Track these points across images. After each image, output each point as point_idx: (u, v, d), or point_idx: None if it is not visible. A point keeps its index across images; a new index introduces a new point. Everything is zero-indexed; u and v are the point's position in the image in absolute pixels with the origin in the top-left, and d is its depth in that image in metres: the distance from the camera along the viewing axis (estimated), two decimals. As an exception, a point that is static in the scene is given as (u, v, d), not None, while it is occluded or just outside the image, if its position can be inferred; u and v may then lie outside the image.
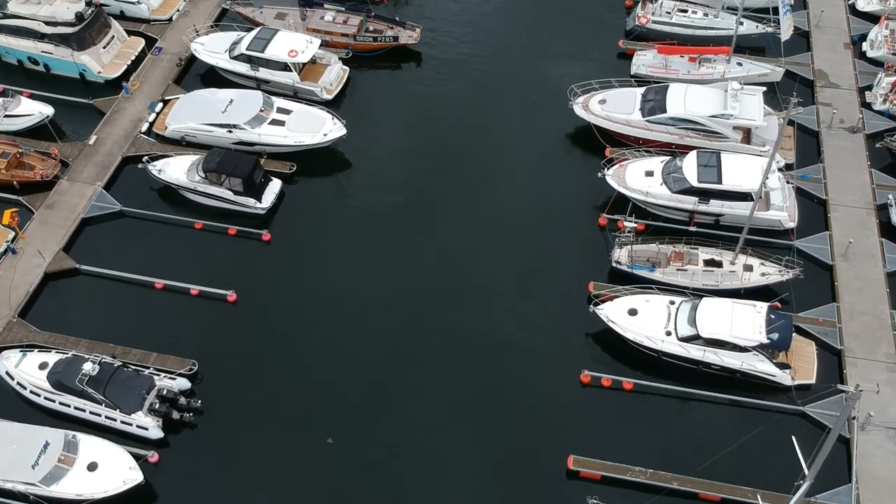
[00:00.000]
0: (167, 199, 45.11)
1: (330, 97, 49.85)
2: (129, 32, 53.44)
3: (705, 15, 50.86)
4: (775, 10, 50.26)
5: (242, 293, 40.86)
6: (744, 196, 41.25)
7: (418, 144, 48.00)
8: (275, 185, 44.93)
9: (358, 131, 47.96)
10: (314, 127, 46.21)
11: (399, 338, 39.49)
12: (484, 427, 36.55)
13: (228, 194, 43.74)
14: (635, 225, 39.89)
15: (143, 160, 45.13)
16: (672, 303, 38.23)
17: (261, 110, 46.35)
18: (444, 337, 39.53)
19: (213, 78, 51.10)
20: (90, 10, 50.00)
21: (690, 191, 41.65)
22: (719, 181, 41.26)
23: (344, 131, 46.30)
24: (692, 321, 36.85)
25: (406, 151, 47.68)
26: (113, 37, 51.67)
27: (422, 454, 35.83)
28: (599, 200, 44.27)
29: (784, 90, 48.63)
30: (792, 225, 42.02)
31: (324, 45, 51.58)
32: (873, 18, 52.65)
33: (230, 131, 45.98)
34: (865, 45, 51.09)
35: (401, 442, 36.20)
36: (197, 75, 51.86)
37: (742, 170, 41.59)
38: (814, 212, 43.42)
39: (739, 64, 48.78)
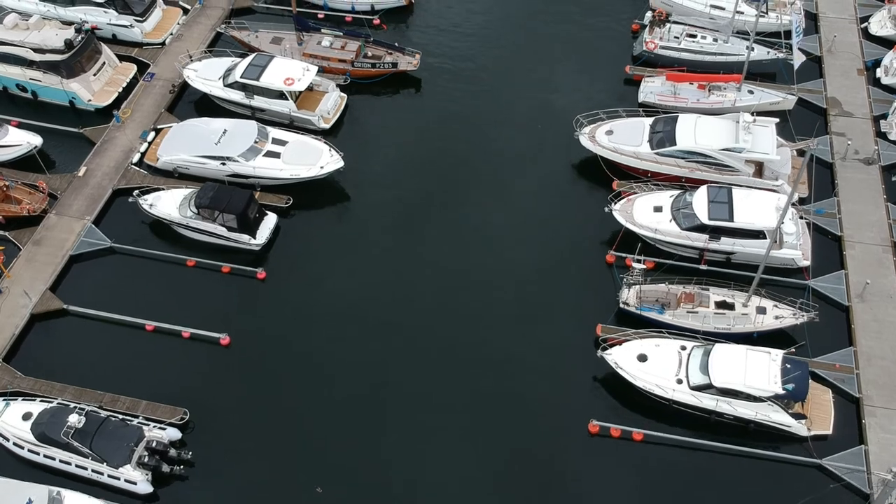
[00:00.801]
0: (159, 234, 44.01)
1: (327, 126, 48.78)
2: (121, 57, 52.40)
3: (715, 40, 49.69)
4: (787, 35, 49.42)
5: (236, 336, 39.70)
6: (756, 234, 40.26)
7: (418, 175, 46.89)
8: (270, 220, 43.80)
9: (356, 161, 46.86)
10: (310, 159, 45.12)
11: (398, 383, 38.31)
12: (487, 481, 35.37)
13: (222, 230, 42.63)
14: (644, 266, 38.74)
15: (134, 194, 44.04)
16: (683, 348, 37.08)
17: (255, 141, 45.28)
18: (445, 383, 38.34)
19: (207, 105, 50.03)
20: (80, 37, 48.87)
21: (701, 228, 40.56)
22: (731, 219, 40.14)
23: (341, 163, 45.18)
24: (704, 369, 35.72)
25: (405, 182, 46.55)
26: (104, 63, 50.59)
27: (422, 509, 34.84)
28: (606, 235, 43.19)
29: (796, 119, 47.79)
30: (806, 263, 40.88)
31: (321, 71, 50.59)
32: (887, 43, 51.53)
33: (223, 164, 44.90)
34: (880, 72, 49.94)
35: (396, 496, 35.11)
36: (190, 102, 50.78)
37: (754, 206, 40.45)
38: (829, 249, 42.26)
39: (751, 92, 47.68)
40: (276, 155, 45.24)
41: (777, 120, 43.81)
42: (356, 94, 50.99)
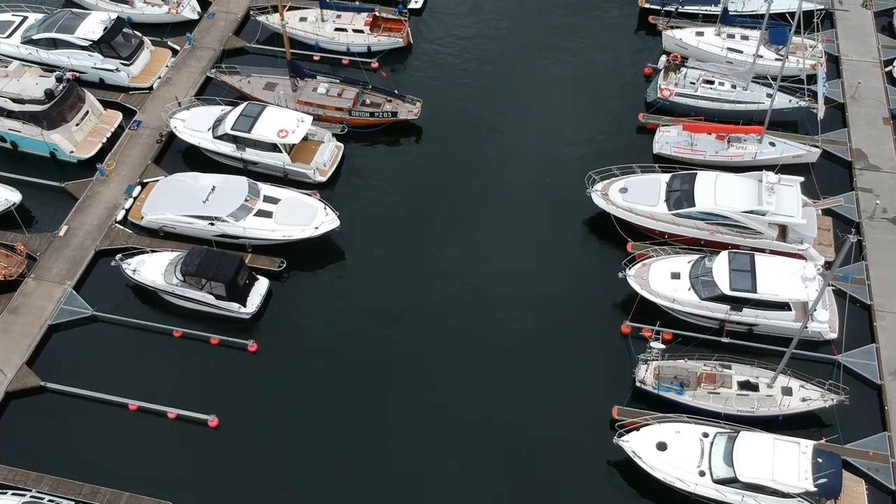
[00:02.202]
0: (144, 300, 42.09)
1: (324, 179, 46.87)
2: (106, 104, 50.51)
3: (733, 87, 47.72)
4: (809, 80, 47.54)
5: (225, 417, 37.67)
6: (781, 305, 38.32)
7: (419, 234, 44.90)
8: (261, 286, 41.87)
9: (353, 217, 45.00)
10: (304, 219, 43.18)
11: (400, 472, 36.35)
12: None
13: (210, 299, 40.70)
14: (663, 347, 36.76)
15: (117, 258, 42.07)
16: (705, 435, 35.04)
17: (246, 200, 43.37)
18: (450, 466, 36.32)
19: (197, 157, 48.07)
20: (61, 87, 46.99)
21: (721, 298, 38.60)
22: (753, 289, 38.15)
23: (337, 223, 43.24)
24: (729, 460, 33.67)
25: (406, 241, 44.58)
26: (87, 112, 48.67)
27: None
28: (620, 300, 41.22)
29: (820, 172, 45.79)
30: (833, 336, 38.92)
31: (316, 119, 48.74)
32: (915, 89, 49.85)
33: (212, 224, 43.03)
34: (908, 120, 48.21)
35: None
36: (178, 152, 48.80)
37: (778, 275, 38.45)
38: (858, 319, 40.13)
39: (772, 144, 45.67)
40: (267, 214, 43.31)
41: (801, 179, 41.83)
42: (353, 143, 49.17)
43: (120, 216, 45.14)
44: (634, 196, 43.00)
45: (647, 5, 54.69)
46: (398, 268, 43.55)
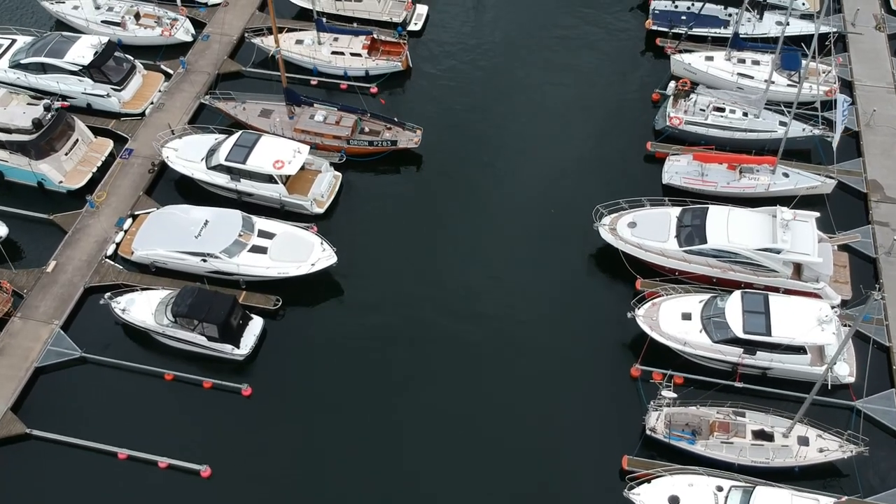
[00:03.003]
0: (134, 340, 40.83)
1: (321, 210, 45.62)
2: (96, 131, 49.25)
3: (745, 115, 46.46)
4: (822, 106, 46.25)
5: (218, 466, 36.36)
6: (796, 349, 37.06)
7: (420, 268, 43.63)
8: (255, 326, 40.59)
9: (351, 251, 43.68)
10: (300, 255, 41.90)
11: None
12: None
13: (202, 340, 39.42)
14: (675, 396, 35.48)
15: (105, 297, 40.81)
16: (720, 489, 33.69)
17: (239, 235, 42.07)
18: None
19: (190, 187, 46.72)
20: (49, 115, 45.76)
21: (734, 341, 37.37)
22: (768, 332, 36.87)
23: (334, 259, 41.98)
24: (744, 517, 32.50)
25: (406, 276, 43.30)
26: (77, 140, 47.43)
27: None
28: (629, 340, 39.97)
29: (835, 204, 44.50)
30: (851, 380, 37.66)
31: (314, 148, 47.51)
32: (932, 115, 48.59)
33: (204, 260, 41.80)
34: (925, 149, 46.94)
35: None
36: (171, 181, 47.57)
37: (794, 317, 37.15)
38: (877, 362, 38.84)
39: (785, 175, 44.42)
40: (262, 250, 42.04)
41: (817, 214, 40.56)
42: (351, 171, 47.93)
43: (110, 250, 43.89)
44: (643, 231, 41.74)
45: (654, 27, 53.46)
46: (398, 304, 42.26)
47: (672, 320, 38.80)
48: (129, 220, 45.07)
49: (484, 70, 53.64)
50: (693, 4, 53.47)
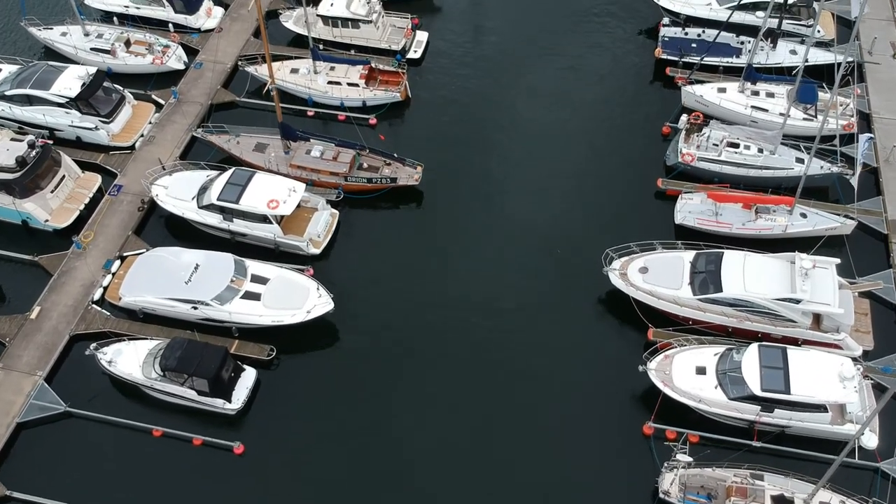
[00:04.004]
0: (121, 392, 39.10)
1: (318, 251, 43.91)
2: (84, 165, 47.62)
3: (760, 151, 44.70)
4: (841, 140, 44.59)
5: (207, 533, 34.99)
6: (816, 406, 35.35)
7: (421, 313, 41.88)
8: (248, 378, 38.87)
9: (349, 294, 42.00)
10: (295, 301, 40.20)
11: None
12: None
13: (192, 394, 37.71)
14: (690, 460, 33.77)
15: (91, 348, 39.10)
16: (737, 561, 32.20)
17: (231, 280, 40.40)
18: None
19: (181, 227, 45.00)
20: (34, 153, 44.17)
21: (752, 398, 35.65)
22: (787, 390, 35.08)
23: (331, 305, 40.27)
24: None
25: (407, 322, 41.56)
26: (63, 176, 45.73)
27: None
28: (640, 392, 38.18)
29: (855, 245, 42.77)
30: (875, 442, 35.93)
31: (310, 185, 45.85)
32: (954, 151, 46.74)
33: (195, 308, 40.15)
34: (947, 187, 45.16)
35: None
36: (162, 219, 45.89)
37: (814, 373, 35.37)
38: (902, 419, 37.40)
39: (803, 215, 42.62)
40: (255, 297, 40.33)
41: (837, 261, 38.80)
42: (349, 209, 46.13)
43: (97, 295, 42.17)
44: (655, 277, 40.01)
45: (664, 56, 51.66)
46: (398, 351, 40.51)
47: (686, 375, 37.06)
48: (118, 262, 43.36)
49: (486, 101, 51.85)
50: (704, 32, 51.78)
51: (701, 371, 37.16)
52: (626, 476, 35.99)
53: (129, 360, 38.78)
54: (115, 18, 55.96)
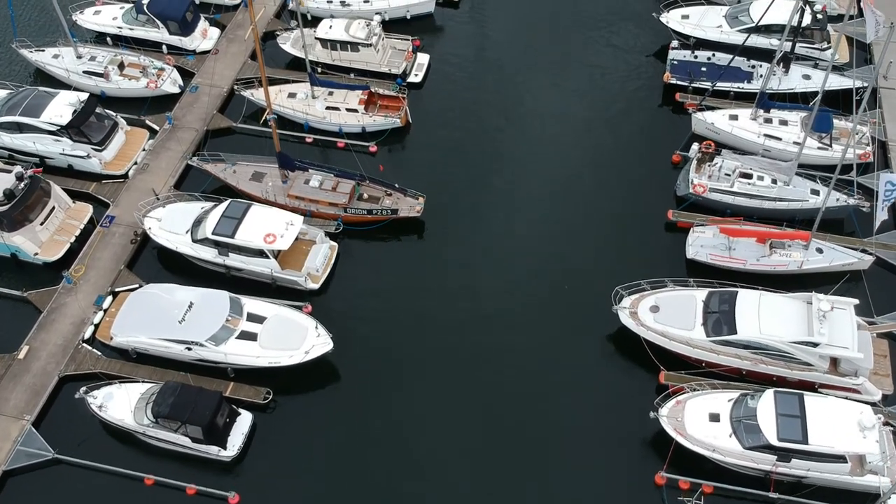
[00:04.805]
0: (113, 438, 37.77)
1: (316, 286, 42.59)
2: (75, 195, 46.37)
3: (774, 182, 43.41)
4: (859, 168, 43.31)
5: (200, 590, 33.74)
6: (835, 457, 34.02)
7: (423, 351, 40.58)
8: (243, 423, 37.53)
9: (349, 331, 40.70)
10: (293, 341, 38.86)
11: None
12: None
13: (186, 441, 36.41)
14: (705, 515, 32.69)
15: (81, 391, 37.76)
16: None
17: (227, 320, 39.12)
18: None
19: (175, 260, 43.66)
20: (22, 185, 42.89)
21: (768, 448, 34.31)
22: (804, 440, 33.73)
23: (330, 345, 38.92)
24: None
25: (408, 361, 40.24)
26: (53, 207, 44.41)
27: None
28: (651, 438, 36.81)
29: (871, 280, 41.42)
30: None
31: (308, 216, 44.60)
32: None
33: (189, 348, 38.85)
34: (967, 220, 43.82)
35: None
36: (154, 250, 44.51)
37: (833, 422, 34.04)
38: (924, 467, 36.01)
39: (819, 251, 41.27)
40: (251, 337, 39.03)
41: (856, 301, 37.51)
42: (348, 240, 44.84)
43: (88, 333, 40.89)
44: (667, 317, 38.68)
45: (673, 81, 50.28)
46: (400, 393, 39.21)
47: (699, 422, 35.71)
48: (109, 298, 42.07)
49: (490, 127, 50.41)
50: (714, 55, 50.43)
51: (715, 418, 35.84)
52: (638, 528, 34.84)
53: (121, 404, 37.46)
54: (108, 39, 54.75)
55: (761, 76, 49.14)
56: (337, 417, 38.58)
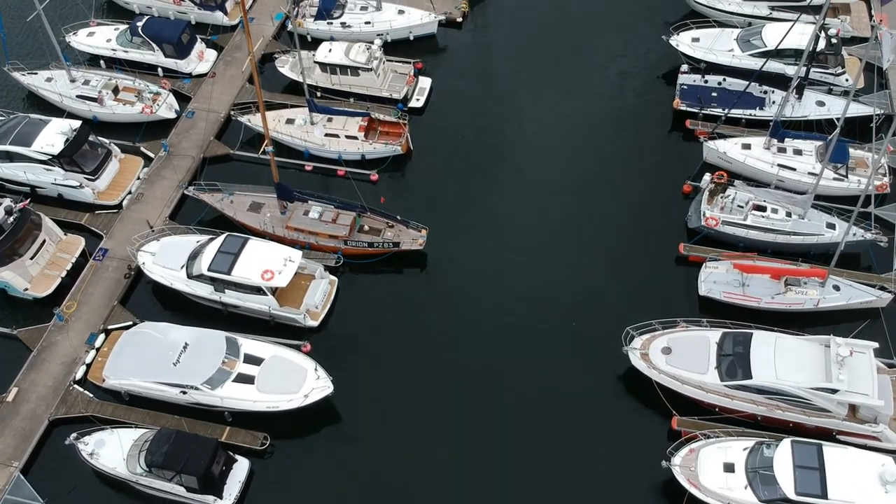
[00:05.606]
0: (105, 484, 36.57)
1: (315, 323, 41.37)
2: (67, 226, 45.18)
3: (788, 215, 42.13)
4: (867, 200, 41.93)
5: None
6: (858, 511, 32.84)
7: (428, 393, 39.31)
8: (240, 469, 36.30)
9: (349, 371, 39.53)
10: (292, 384, 37.59)
11: None
12: None
13: (181, 491, 35.22)
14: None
15: (71, 437, 36.58)
16: None
17: (223, 362, 37.89)
18: None
19: (170, 296, 42.40)
20: (11, 220, 41.68)
21: (785, 502, 32.99)
22: (824, 494, 32.40)
23: (330, 388, 37.66)
24: None
25: (411, 404, 38.99)
26: (44, 241, 43.18)
27: None
28: (663, 488, 35.45)
29: (890, 320, 40.13)
30: (921, 552, 33.41)
31: (308, 248, 43.38)
32: None
33: (184, 392, 37.60)
34: None
35: None
36: (149, 285, 43.22)
37: (852, 474, 32.77)
38: (948, 520, 34.74)
39: (836, 288, 39.99)
40: (249, 379, 37.77)
41: (875, 345, 36.23)
42: (349, 273, 43.59)
43: (79, 374, 39.66)
44: (679, 360, 37.41)
45: (682, 107, 48.94)
46: (403, 437, 37.92)
47: (713, 472, 34.40)
48: (102, 337, 40.89)
49: (493, 155, 49.11)
50: (725, 80, 49.11)
51: (729, 468, 34.55)
52: (650, 584, 33.61)
53: (113, 452, 36.22)
54: (101, 62, 53.54)
55: (773, 102, 47.85)
56: (338, 463, 37.34)
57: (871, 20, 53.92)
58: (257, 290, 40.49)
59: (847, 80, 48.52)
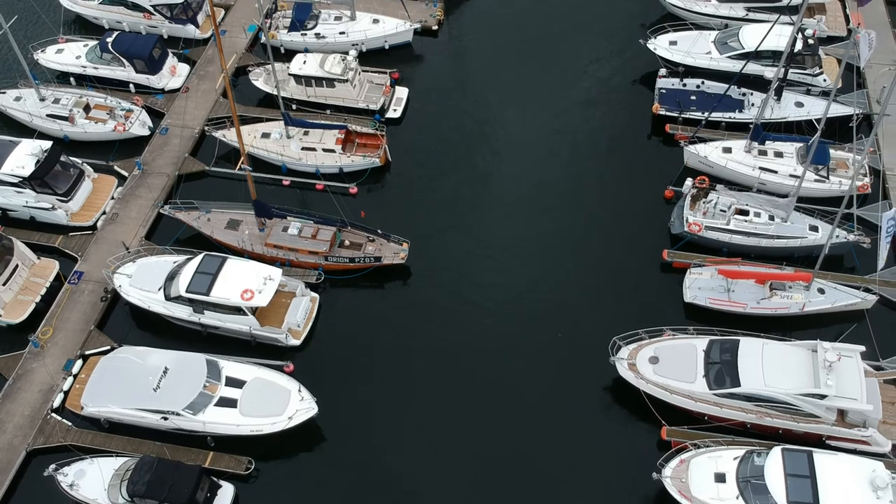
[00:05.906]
0: (87, 514, 36.08)
1: (298, 342, 40.70)
2: (41, 249, 44.25)
3: (771, 218, 41.99)
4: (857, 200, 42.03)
5: None
6: (849, 519, 32.65)
7: (415, 411, 38.75)
8: (225, 496, 35.44)
9: (333, 391, 38.94)
10: (275, 407, 36.93)
11: None
12: None
13: (164, 520, 34.67)
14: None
15: (50, 469, 35.70)
16: None
17: (205, 386, 37.17)
18: None
19: (149, 319, 41.58)
20: (-19, 246, 40.93)
21: (778, 510, 32.96)
22: (815, 501, 32.18)
23: (314, 410, 37.04)
24: None
25: (398, 421, 38.41)
26: (16, 266, 42.21)
27: None
28: (654, 499, 35.14)
29: (875, 320, 40.08)
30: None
31: (288, 265, 42.75)
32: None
33: (165, 418, 36.85)
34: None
35: None
36: (126, 307, 42.47)
37: (844, 481, 32.53)
38: (940, 522, 34.68)
39: (821, 291, 39.90)
40: (231, 403, 37.05)
41: (862, 348, 36.10)
42: (330, 289, 43.02)
43: (57, 401, 38.76)
44: (667, 369, 37.12)
45: (662, 112, 48.72)
46: (390, 454, 37.39)
47: (704, 483, 34.10)
48: (79, 363, 40.01)
49: (473, 164, 48.71)
50: (703, 83, 48.94)
51: (720, 479, 34.25)
52: None
53: (93, 482, 35.38)
54: (71, 79, 52.58)
55: (752, 104, 47.74)
56: (323, 484, 36.70)
57: (849, 24, 53.97)
58: (237, 311, 39.79)
59: (825, 80, 48.50)
